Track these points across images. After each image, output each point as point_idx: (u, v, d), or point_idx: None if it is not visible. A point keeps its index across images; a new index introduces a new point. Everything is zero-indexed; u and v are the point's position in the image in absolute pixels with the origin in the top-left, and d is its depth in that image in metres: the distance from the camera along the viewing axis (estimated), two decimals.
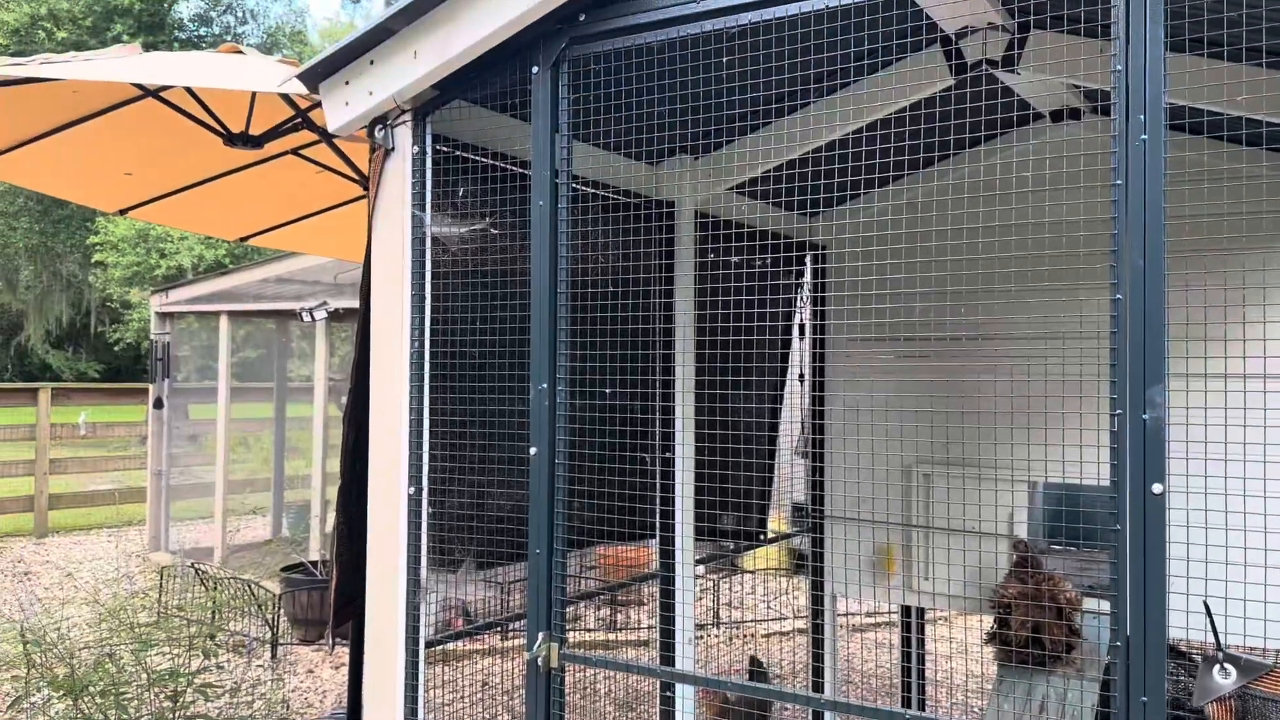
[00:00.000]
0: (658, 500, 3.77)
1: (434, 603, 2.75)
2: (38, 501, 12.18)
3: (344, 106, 2.68)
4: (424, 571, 2.67)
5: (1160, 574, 1.90)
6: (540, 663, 2.46)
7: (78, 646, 4.48)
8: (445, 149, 2.78)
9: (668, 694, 3.73)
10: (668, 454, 3.77)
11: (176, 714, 4.54)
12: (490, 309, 2.86)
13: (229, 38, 24.86)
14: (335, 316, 9.00)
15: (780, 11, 2.19)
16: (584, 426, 3.14)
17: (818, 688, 4.87)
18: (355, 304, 9.80)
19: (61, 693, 4.32)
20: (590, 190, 3.56)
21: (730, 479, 4.43)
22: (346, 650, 7.69)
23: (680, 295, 3.81)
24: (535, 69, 2.50)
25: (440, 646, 2.84)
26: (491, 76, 2.61)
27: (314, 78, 2.70)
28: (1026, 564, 4.10)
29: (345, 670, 7.54)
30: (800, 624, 8.50)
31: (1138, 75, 1.93)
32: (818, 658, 4.76)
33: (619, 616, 8.33)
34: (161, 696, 4.51)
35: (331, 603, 2.92)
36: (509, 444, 2.83)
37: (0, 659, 7.32)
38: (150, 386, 10.57)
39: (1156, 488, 1.90)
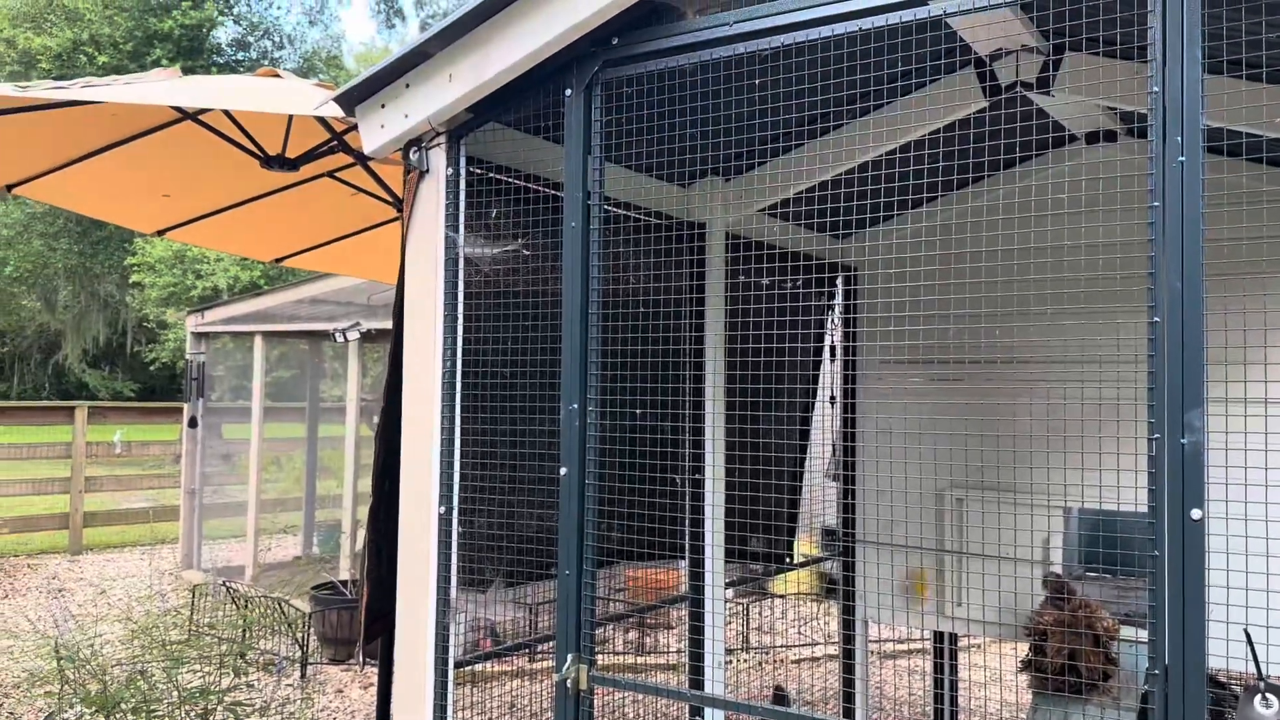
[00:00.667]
0: (686, 522, 3.76)
1: (463, 623, 2.75)
2: (73, 519, 12.31)
3: (379, 129, 2.71)
4: (454, 591, 2.67)
5: (1199, 601, 1.86)
6: (569, 684, 2.45)
7: (110, 663, 4.50)
8: (478, 170, 2.80)
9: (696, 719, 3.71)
10: (697, 475, 3.76)
11: None
12: (520, 329, 2.87)
13: (266, 62, 25.22)
14: (368, 337, 9.07)
15: (814, 34, 2.19)
16: (613, 447, 3.13)
17: (849, 714, 4.82)
18: (388, 325, 9.87)
19: (94, 709, 4.35)
20: (620, 212, 3.57)
21: (759, 501, 4.41)
22: (375, 669, 7.70)
23: (710, 316, 3.81)
24: (569, 91, 2.52)
25: (469, 667, 2.84)
26: (525, 99, 2.63)
27: (350, 101, 2.73)
28: (1062, 592, 4.04)
29: (374, 690, 7.55)
30: (831, 649, 8.43)
31: (1175, 96, 1.91)
32: (849, 683, 4.70)
33: (646, 640, 8.28)
34: (192, 714, 4.52)
35: (361, 620, 2.93)
36: (538, 464, 2.83)
37: (34, 675, 7.40)
38: (185, 406, 10.68)
39: (1195, 513, 1.87)
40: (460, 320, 2.72)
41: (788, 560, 4.81)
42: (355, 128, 5.10)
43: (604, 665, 6.08)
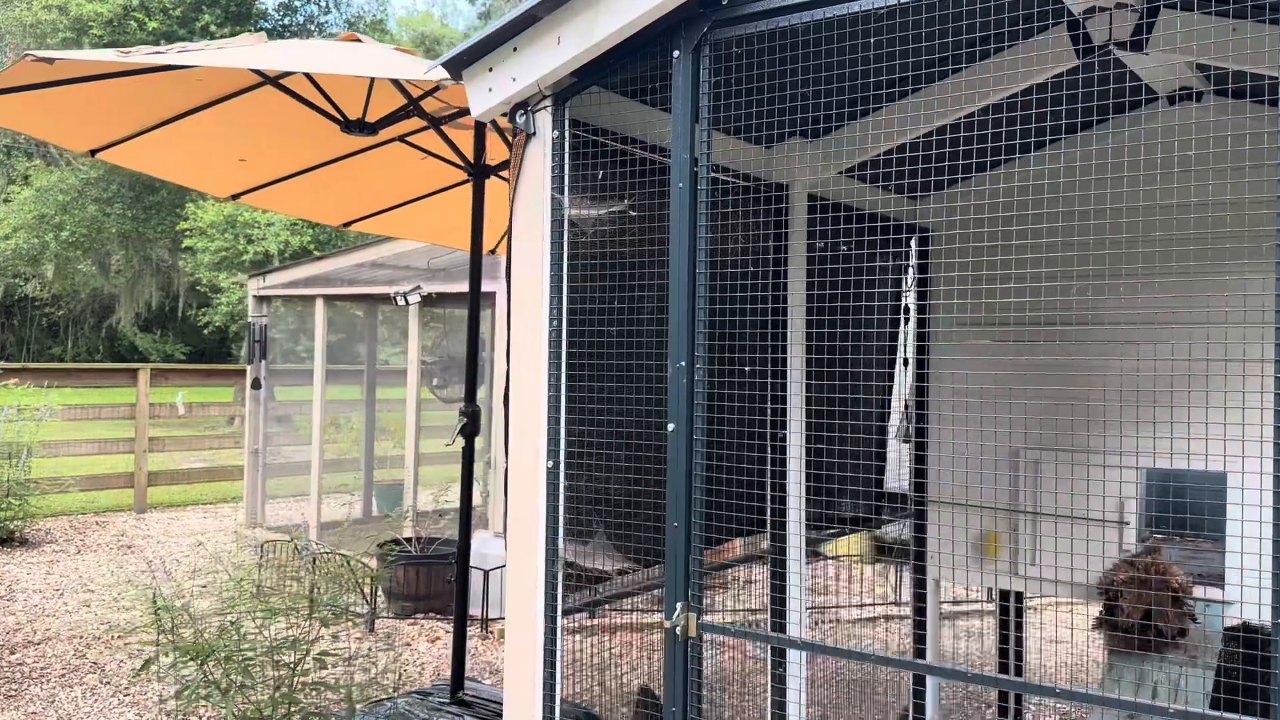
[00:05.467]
0: (768, 483, 3.82)
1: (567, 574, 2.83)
2: (137, 478, 12.62)
3: (487, 93, 2.77)
4: (561, 542, 2.75)
5: None
6: (679, 631, 2.53)
7: (200, 614, 4.67)
8: (578, 133, 2.85)
9: (778, 670, 3.79)
10: (780, 437, 3.82)
11: (295, 680, 4.71)
12: (620, 289, 2.93)
13: (312, 27, 25.33)
14: (428, 301, 9.18)
15: None
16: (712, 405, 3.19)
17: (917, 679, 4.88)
18: (448, 288, 9.94)
19: (188, 658, 4.52)
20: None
21: (844, 463, 4.46)
22: (440, 624, 7.86)
23: (793, 278, 3.85)
24: (676, 53, 2.56)
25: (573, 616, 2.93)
26: (630, 61, 2.67)
27: (458, 65, 2.78)
28: (1146, 554, 4.07)
29: (439, 645, 7.73)
30: (884, 610, 8.50)
31: None
32: (920, 639, 4.77)
33: (705, 601, 8.38)
34: (280, 664, 4.68)
35: None
36: (639, 420, 2.90)
37: (122, 627, 7.65)
38: (247, 368, 10.88)
39: None
40: (564, 280, 2.78)
41: (872, 522, 4.87)
42: (431, 92, 5.18)
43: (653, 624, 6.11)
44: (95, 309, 32.56)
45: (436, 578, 8.03)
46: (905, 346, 4.85)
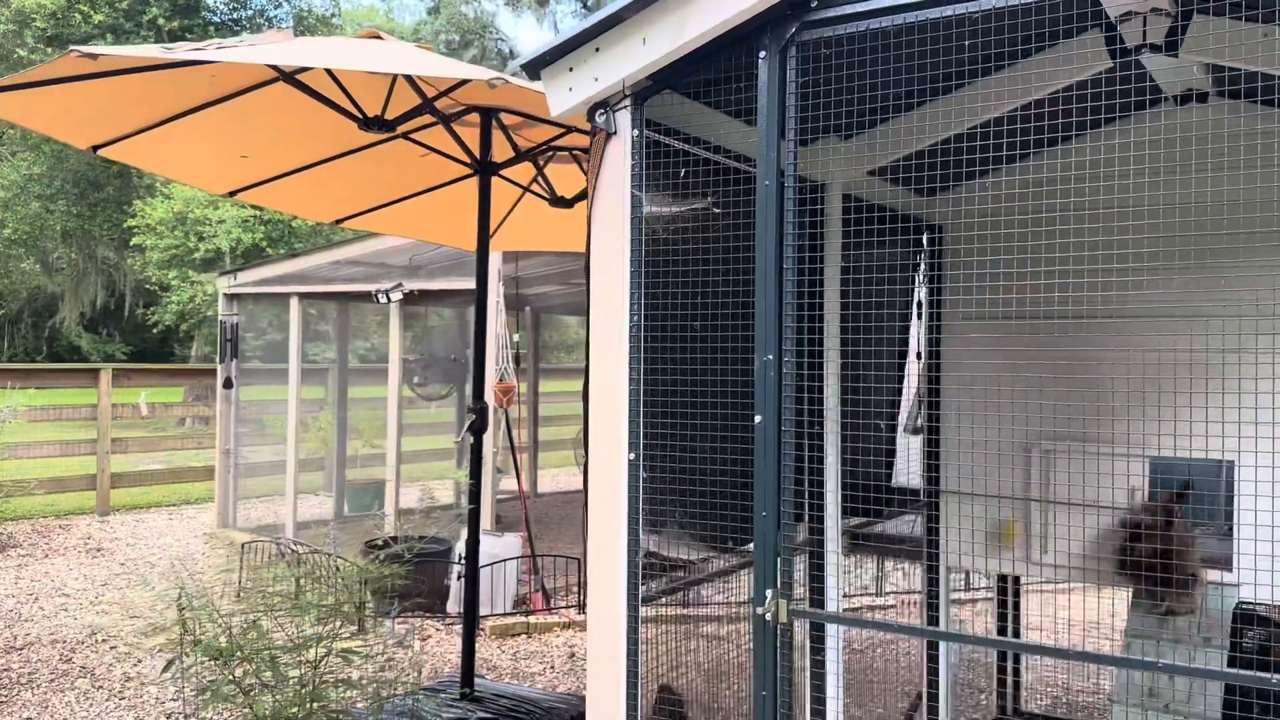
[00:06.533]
0: (807, 475, 3.90)
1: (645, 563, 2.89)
2: (100, 480, 12.37)
3: (567, 92, 2.80)
4: (642, 532, 2.80)
5: None
6: (769, 618, 2.60)
7: (220, 614, 4.63)
8: (653, 133, 2.90)
9: (817, 654, 3.87)
10: (815, 428, 3.90)
11: (317, 680, 4.70)
12: (696, 285, 2.99)
13: (262, 20, 24.95)
14: (410, 298, 9.14)
15: None
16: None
17: (932, 659, 5.01)
18: (431, 285, 9.91)
19: (211, 657, 4.48)
20: (746, 169, 3.67)
21: (862, 456, 4.55)
22: (431, 623, 7.85)
23: (829, 275, 3.93)
24: (763, 53, 2.62)
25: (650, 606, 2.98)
26: (710, 63, 2.73)
27: (538, 65, 2.82)
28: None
29: (431, 643, 7.72)
30: (865, 600, 8.64)
31: None
32: (933, 620, 4.90)
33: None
34: (303, 662, 4.66)
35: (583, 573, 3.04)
36: (717, 413, 2.96)
37: (147, 626, 7.50)
38: (218, 367, 10.73)
39: None
40: (642, 275, 2.83)
41: (883, 514, 4.97)
42: (447, 92, 5.18)
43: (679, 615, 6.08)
44: (33, 308, 31.77)
45: (424, 576, 8.00)
46: (919, 340, 4.96)
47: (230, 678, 4.55)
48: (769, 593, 2.60)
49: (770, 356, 2.61)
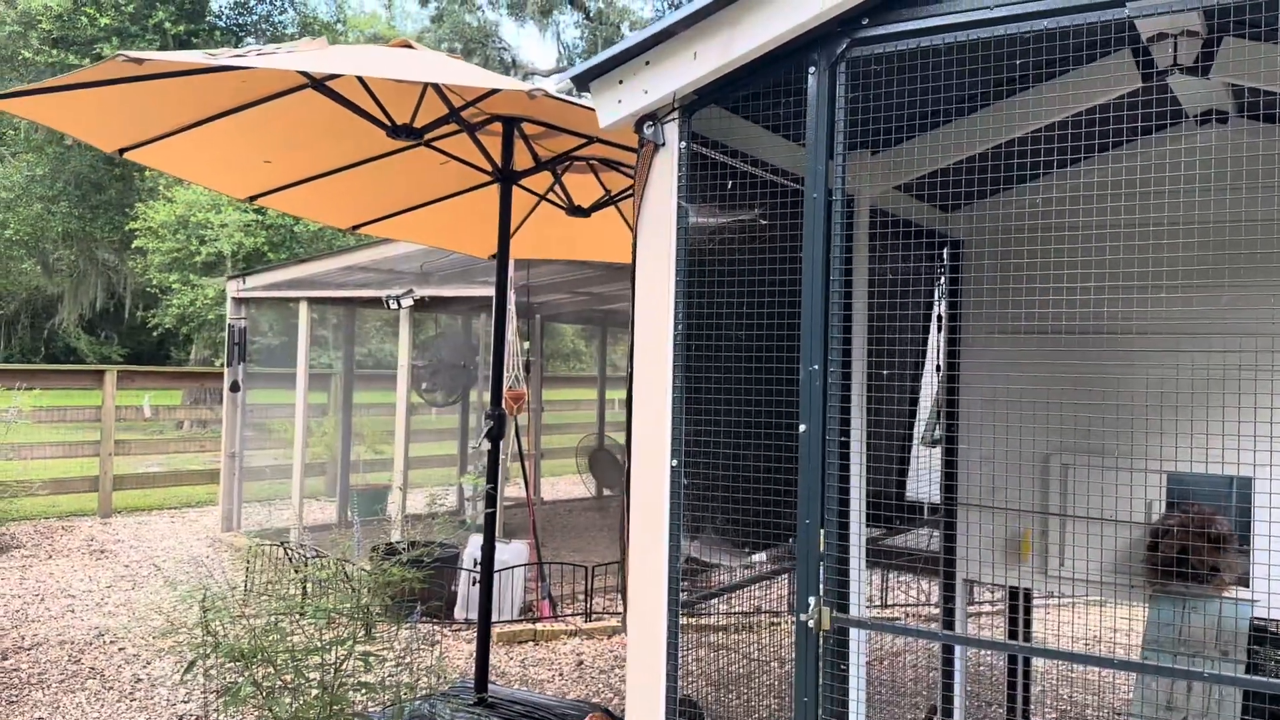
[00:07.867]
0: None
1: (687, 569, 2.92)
2: (102, 482, 12.37)
3: (616, 104, 2.85)
4: (683, 539, 2.84)
5: None
6: (812, 624, 2.64)
7: (245, 615, 4.66)
8: (698, 146, 2.95)
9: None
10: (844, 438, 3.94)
11: (337, 681, 4.73)
12: (736, 295, 3.03)
13: (266, 26, 25.01)
14: (420, 305, 9.17)
15: (1079, 19, 2.35)
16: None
17: (948, 663, 5.04)
18: (443, 291, 9.93)
19: (230, 660, 4.51)
20: (784, 182, 3.72)
21: (882, 466, 4.60)
22: (437, 628, 7.86)
23: (858, 288, 3.98)
24: (812, 69, 2.67)
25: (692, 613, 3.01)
26: (760, 77, 2.78)
27: (588, 77, 2.86)
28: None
29: (438, 649, 7.74)
30: (870, 613, 8.66)
31: None
32: (948, 625, 4.93)
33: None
34: (325, 665, 4.69)
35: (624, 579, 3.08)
36: (759, 421, 3.00)
37: (164, 627, 7.49)
38: (225, 371, 10.75)
39: None
40: (684, 285, 2.87)
41: (899, 522, 5.02)
42: (474, 102, 5.23)
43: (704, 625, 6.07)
44: (32, 309, 31.73)
45: (432, 582, 8.02)
46: (937, 353, 5.01)
47: (252, 679, 4.57)
48: (812, 600, 2.64)
49: (816, 366, 2.65)
